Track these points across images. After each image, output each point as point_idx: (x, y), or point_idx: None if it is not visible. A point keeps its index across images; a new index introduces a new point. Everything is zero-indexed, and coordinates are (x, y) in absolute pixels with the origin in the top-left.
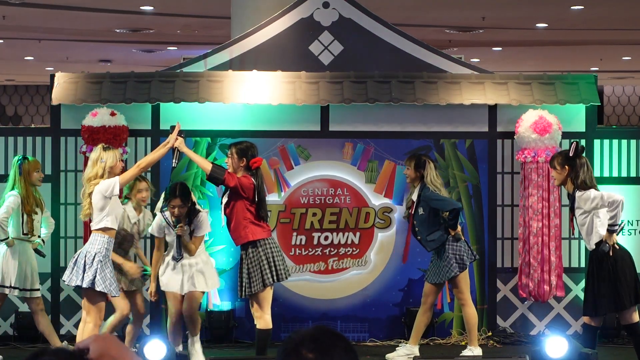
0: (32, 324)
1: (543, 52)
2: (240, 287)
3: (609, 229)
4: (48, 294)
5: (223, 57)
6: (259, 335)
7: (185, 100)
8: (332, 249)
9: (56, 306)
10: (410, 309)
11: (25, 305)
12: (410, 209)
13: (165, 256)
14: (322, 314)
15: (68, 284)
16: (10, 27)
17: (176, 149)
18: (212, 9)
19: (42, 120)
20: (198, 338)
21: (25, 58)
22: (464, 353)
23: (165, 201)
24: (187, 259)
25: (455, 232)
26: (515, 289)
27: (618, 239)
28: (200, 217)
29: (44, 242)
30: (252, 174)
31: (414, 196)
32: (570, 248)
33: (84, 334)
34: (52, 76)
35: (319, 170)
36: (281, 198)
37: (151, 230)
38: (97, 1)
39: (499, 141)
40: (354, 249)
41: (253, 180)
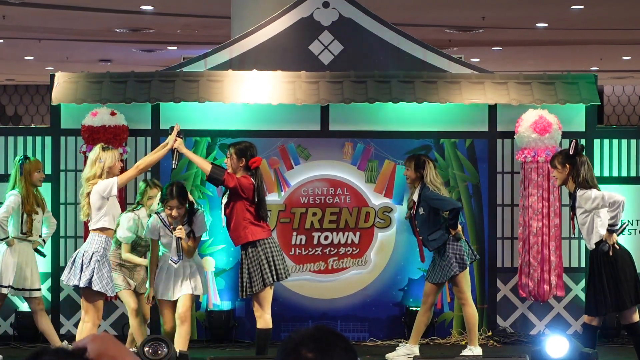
0: (32, 324)
1: (543, 52)
2: (241, 288)
3: (609, 229)
4: (48, 294)
5: (223, 57)
6: (259, 334)
7: (185, 100)
8: (332, 249)
9: (56, 306)
10: (410, 309)
11: (26, 305)
12: (412, 209)
13: (160, 261)
14: (322, 314)
15: (66, 284)
16: (10, 27)
17: (176, 150)
18: (212, 9)
19: (42, 120)
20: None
21: (25, 58)
22: (464, 353)
23: (162, 202)
24: (181, 261)
25: (455, 232)
26: (515, 289)
27: (618, 239)
28: (198, 218)
29: (44, 242)
30: (252, 174)
31: (415, 196)
32: (570, 248)
33: (82, 334)
34: (52, 76)
35: (319, 170)
36: (281, 198)
37: (145, 232)
38: (97, 1)
39: (499, 141)
40: (354, 249)
41: (252, 180)
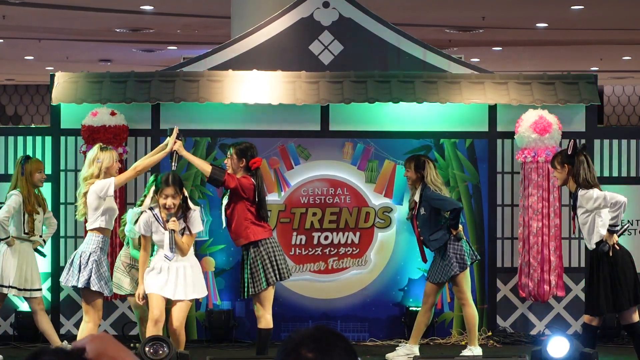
0: (32, 324)
1: (543, 52)
2: (243, 288)
3: (610, 229)
4: (48, 294)
5: (223, 57)
6: (260, 334)
7: (185, 100)
8: (332, 249)
9: (56, 306)
10: (410, 309)
11: (25, 305)
12: (413, 209)
13: (152, 259)
14: (322, 314)
15: (65, 285)
16: (10, 27)
17: (175, 152)
18: (212, 9)
19: (42, 120)
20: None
21: (25, 58)
22: (464, 353)
23: (156, 192)
24: (175, 262)
25: (456, 232)
26: (515, 289)
27: (618, 240)
28: (193, 214)
29: (44, 242)
30: (252, 175)
31: (416, 197)
32: (570, 248)
33: (83, 334)
34: (52, 76)
35: (319, 170)
36: (281, 198)
37: (137, 229)
38: (97, 1)
39: (499, 141)
40: (354, 249)
41: (253, 180)
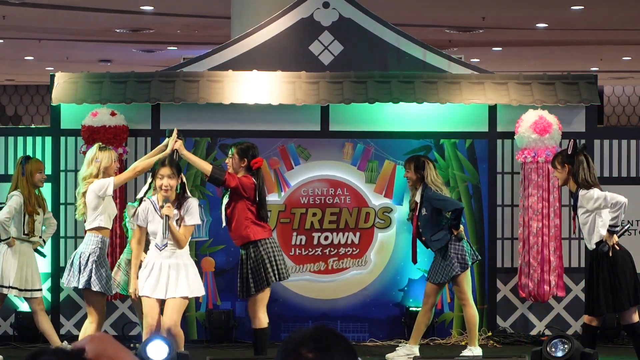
0: (32, 324)
1: (543, 52)
2: (241, 288)
3: (610, 229)
4: (48, 294)
5: (223, 58)
6: (256, 335)
7: (185, 100)
8: (332, 249)
9: (56, 306)
10: (410, 309)
11: (25, 305)
12: (414, 210)
13: (146, 256)
14: (322, 314)
15: (67, 286)
16: (10, 27)
17: (175, 152)
18: (212, 9)
19: (42, 120)
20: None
21: (25, 58)
22: (464, 353)
23: (152, 177)
24: (169, 259)
25: (458, 232)
26: (515, 289)
27: (618, 240)
28: (190, 203)
29: (44, 242)
30: (253, 174)
31: (417, 197)
32: (570, 248)
33: (86, 334)
34: (52, 76)
35: (319, 170)
36: (281, 198)
37: (133, 219)
38: (97, 1)
39: (499, 141)
40: (354, 249)
41: (254, 180)
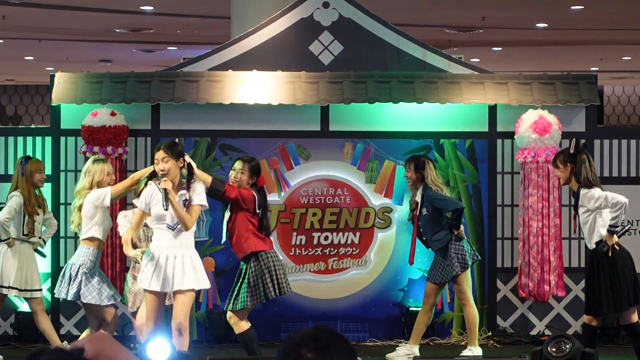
0: (32, 324)
1: (543, 52)
2: (230, 298)
3: (610, 229)
4: (48, 294)
5: (223, 57)
6: (243, 338)
7: (185, 100)
8: (332, 249)
9: (56, 306)
10: (410, 309)
11: (25, 305)
12: (415, 210)
13: (150, 246)
14: (322, 314)
15: (57, 297)
16: (10, 27)
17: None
18: (212, 9)
19: (42, 120)
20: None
21: (25, 58)
22: (464, 353)
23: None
24: (174, 249)
25: (458, 232)
26: (515, 289)
27: (618, 240)
28: (197, 185)
29: (44, 243)
30: (257, 190)
31: (418, 197)
32: (570, 248)
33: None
34: (52, 76)
35: (319, 170)
36: (281, 198)
37: (138, 204)
38: (97, 1)
39: (499, 141)
40: (354, 249)
41: (253, 192)
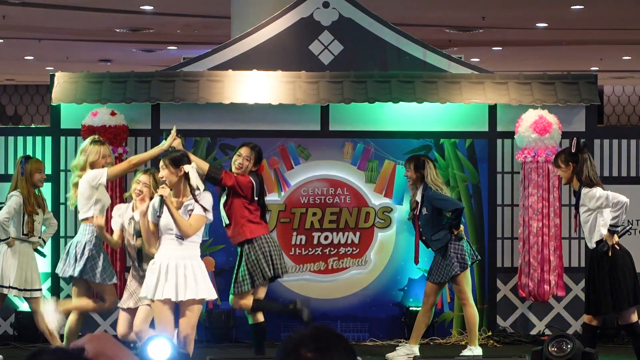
0: (32, 324)
1: (543, 52)
2: (235, 284)
3: (611, 229)
4: (48, 294)
5: (223, 57)
6: (257, 330)
7: (185, 100)
8: (332, 249)
9: None
10: (410, 309)
11: (25, 305)
12: (415, 210)
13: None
14: (322, 314)
15: (62, 275)
16: (10, 27)
17: (173, 149)
18: (212, 9)
19: (42, 120)
20: None
21: (25, 58)
22: (464, 353)
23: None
24: (180, 259)
25: (458, 232)
26: (515, 289)
27: (619, 240)
28: (202, 195)
29: (44, 242)
30: (254, 175)
31: (418, 197)
32: (570, 248)
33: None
34: (52, 76)
35: (319, 170)
36: (281, 198)
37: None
38: (97, 1)
39: (499, 141)
40: (354, 249)
41: (251, 178)
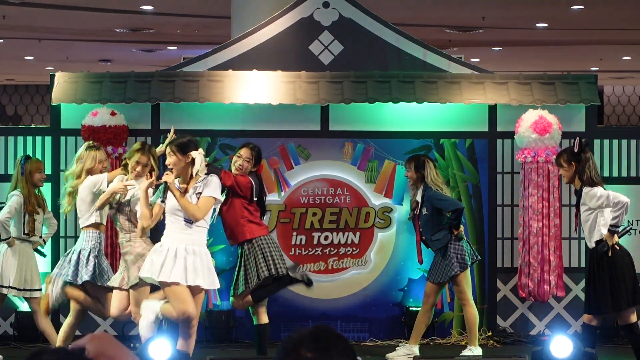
0: (32, 324)
1: (543, 52)
2: (236, 285)
3: (611, 229)
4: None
5: (223, 57)
6: (259, 331)
7: (185, 100)
8: (332, 249)
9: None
10: (410, 309)
11: (25, 305)
12: (415, 210)
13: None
14: (322, 314)
15: (63, 280)
16: (10, 27)
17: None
18: (212, 9)
19: (42, 120)
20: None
21: (25, 58)
22: (464, 353)
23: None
24: (187, 244)
25: (458, 232)
26: (515, 289)
27: (619, 240)
28: (208, 179)
29: (44, 242)
30: (253, 175)
31: (418, 197)
32: (570, 248)
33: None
34: (52, 76)
35: (319, 170)
36: (281, 198)
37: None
38: (97, 1)
39: (499, 141)
40: (354, 249)
41: (250, 179)
